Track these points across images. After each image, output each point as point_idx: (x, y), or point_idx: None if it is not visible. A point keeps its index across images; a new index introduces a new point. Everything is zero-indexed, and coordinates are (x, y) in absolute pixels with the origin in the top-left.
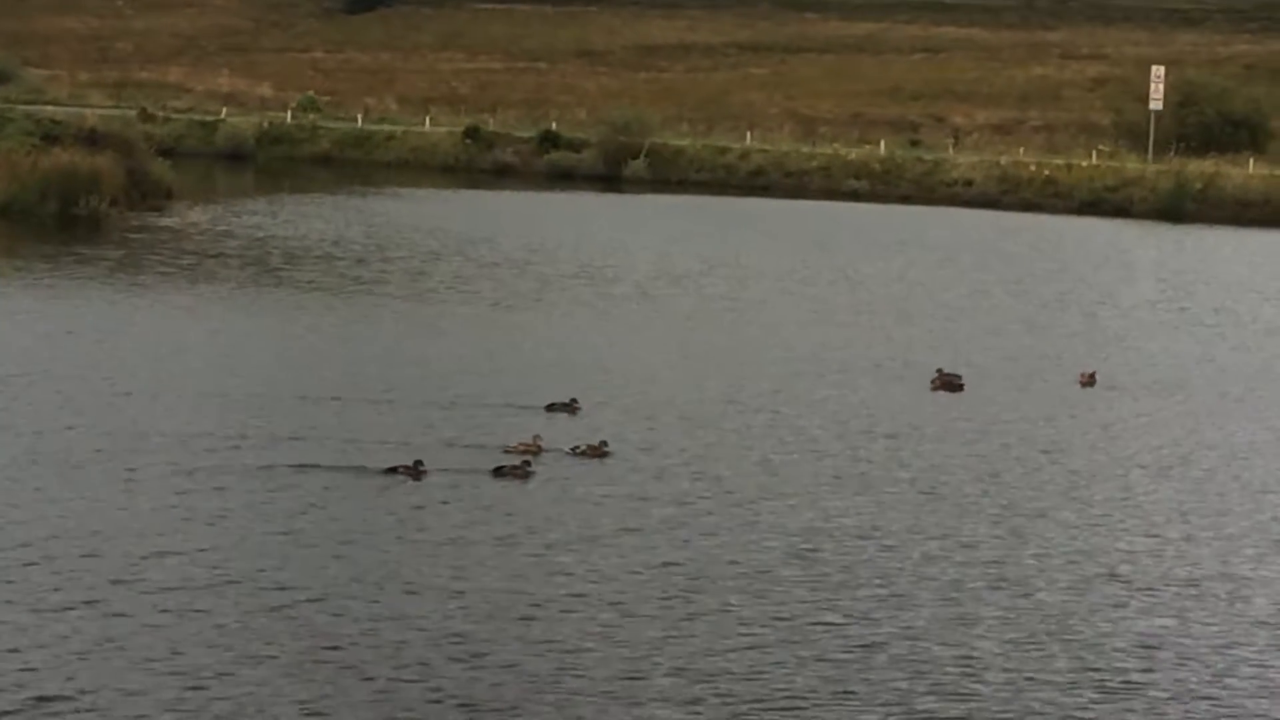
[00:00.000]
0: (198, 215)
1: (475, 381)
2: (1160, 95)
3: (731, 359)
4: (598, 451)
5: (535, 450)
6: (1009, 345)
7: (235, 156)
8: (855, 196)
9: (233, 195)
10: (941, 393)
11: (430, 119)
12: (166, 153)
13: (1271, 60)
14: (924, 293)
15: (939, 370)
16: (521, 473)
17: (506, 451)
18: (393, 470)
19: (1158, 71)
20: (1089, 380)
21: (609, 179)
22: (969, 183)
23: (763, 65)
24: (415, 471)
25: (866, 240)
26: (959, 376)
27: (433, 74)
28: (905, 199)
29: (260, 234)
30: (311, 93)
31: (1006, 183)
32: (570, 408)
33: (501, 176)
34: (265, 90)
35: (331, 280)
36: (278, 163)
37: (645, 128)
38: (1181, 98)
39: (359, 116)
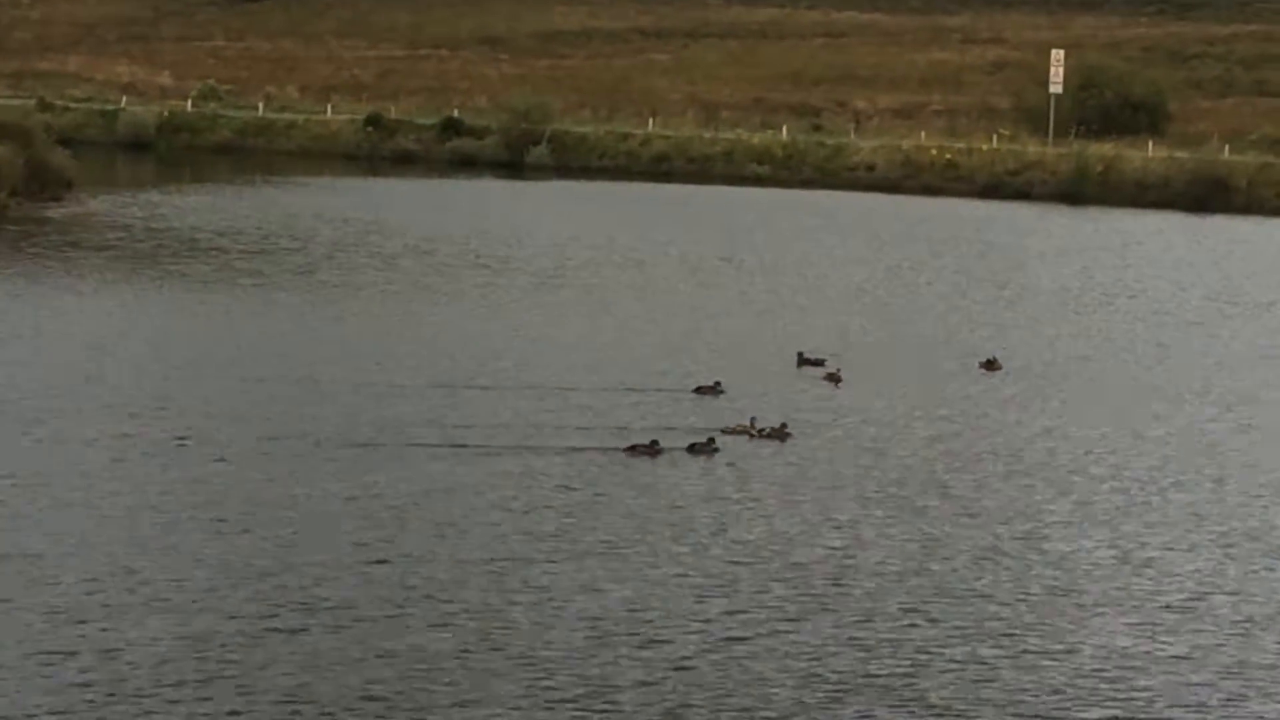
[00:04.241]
0: (98, 205)
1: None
2: (1060, 79)
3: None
4: (779, 433)
5: (753, 432)
6: (910, 330)
7: (136, 146)
8: (758, 181)
9: (133, 185)
10: (823, 379)
11: (332, 107)
12: (66, 142)
13: (1169, 43)
14: (829, 278)
15: (799, 353)
16: (708, 450)
17: (725, 432)
18: (633, 449)
19: (1057, 55)
20: (991, 365)
21: (511, 166)
22: (871, 167)
23: (665, 51)
24: (653, 450)
25: (771, 227)
26: (823, 360)
27: (334, 62)
28: (807, 184)
29: (160, 224)
30: (212, 81)
31: (908, 167)
32: (715, 390)
33: (404, 164)
34: (165, 79)
35: (224, 271)
36: (179, 152)
37: (547, 114)
38: (1081, 81)
39: (260, 105)
